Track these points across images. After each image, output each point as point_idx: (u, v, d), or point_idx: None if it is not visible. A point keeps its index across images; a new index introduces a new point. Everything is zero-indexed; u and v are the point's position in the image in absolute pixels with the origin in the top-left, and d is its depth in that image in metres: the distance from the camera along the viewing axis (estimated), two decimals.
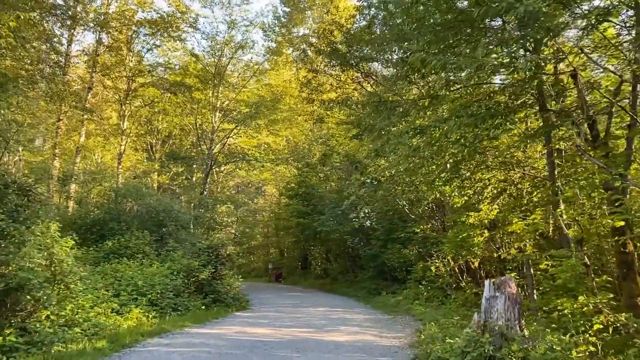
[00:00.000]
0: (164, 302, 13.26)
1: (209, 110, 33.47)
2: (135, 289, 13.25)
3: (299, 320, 14.24)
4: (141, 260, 16.41)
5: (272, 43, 42.49)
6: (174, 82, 33.48)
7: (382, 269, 24.75)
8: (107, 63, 33.71)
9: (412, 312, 16.40)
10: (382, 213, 21.94)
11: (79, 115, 31.88)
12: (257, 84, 38.44)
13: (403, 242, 22.11)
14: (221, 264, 16.72)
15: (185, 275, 15.52)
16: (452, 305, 15.91)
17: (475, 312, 7.93)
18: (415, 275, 19.66)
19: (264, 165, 34.41)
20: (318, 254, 39.86)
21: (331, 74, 14.35)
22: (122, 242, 17.61)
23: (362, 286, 25.89)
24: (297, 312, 16.33)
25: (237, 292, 17.11)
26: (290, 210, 32.91)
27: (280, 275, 41.31)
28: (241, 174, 47.25)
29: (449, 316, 13.59)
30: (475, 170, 10.36)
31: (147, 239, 18.26)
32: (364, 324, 13.87)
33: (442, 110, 9.01)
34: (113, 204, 19.39)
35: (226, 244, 17.36)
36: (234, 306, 16.13)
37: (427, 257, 18.78)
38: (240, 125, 32.58)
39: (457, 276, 17.38)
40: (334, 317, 15.08)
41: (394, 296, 21.20)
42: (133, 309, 11.92)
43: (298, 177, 32.50)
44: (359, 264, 29.96)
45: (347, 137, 19.73)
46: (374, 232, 25.25)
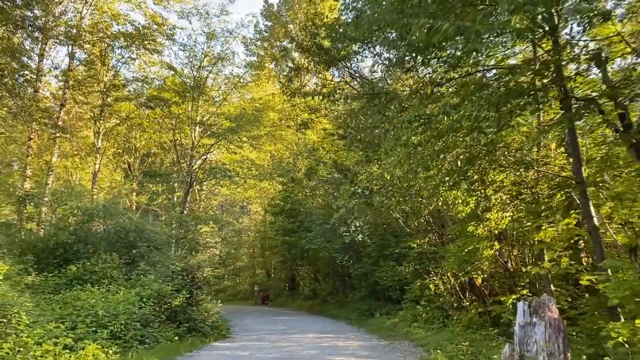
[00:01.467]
0: (128, 334, 11.49)
1: (188, 124, 31.86)
2: (95, 320, 11.48)
3: (286, 350, 12.53)
4: (107, 287, 14.62)
5: (254, 57, 41.33)
6: (151, 96, 31.92)
7: (374, 289, 23.12)
8: (79, 78, 32.14)
9: (411, 336, 14.77)
10: (374, 227, 20.36)
11: (51, 134, 30.25)
12: (239, 97, 37.05)
13: (397, 259, 20.52)
14: (197, 288, 14.98)
15: (156, 302, 13.77)
16: (455, 328, 14.30)
17: (505, 343, 6.35)
18: (411, 294, 18.04)
19: (246, 181, 32.73)
20: (306, 273, 38.13)
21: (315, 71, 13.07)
22: (87, 267, 15.81)
23: (353, 307, 24.22)
24: (284, 341, 14.61)
25: (215, 319, 15.35)
26: (275, 227, 31.19)
27: (267, 297, 39.41)
28: (224, 192, 45.54)
29: (455, 341, 12.00)
30: (487, 171, 8.89)
31: (116, 262, 16.47)
32: (360, 352, 12.20)
33: (448, 100, 7.58)
34: (79, 224, 17.56)
35: (202, 266, 15.66)
36: (211, 335, 14.36)
37: (425, 274, 17.20)
38: (221, 140, 30.95)
39: (458, 295, 15.81)
40: (325, 345, 13.39)
41: (388, 318, 19.56)
42: (90, 344, 10.15)
43: (283, 193, 30.85)
44: (349, 284, 28.29)
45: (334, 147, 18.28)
46: (365, 249, 23.65)
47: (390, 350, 12.70)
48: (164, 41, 32.14)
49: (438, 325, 15.44)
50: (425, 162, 7.95)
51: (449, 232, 13.42)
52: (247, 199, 47.50)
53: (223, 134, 30.00)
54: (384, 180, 12.99)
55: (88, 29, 30.93)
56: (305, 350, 12.40)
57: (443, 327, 15.04)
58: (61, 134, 30.36)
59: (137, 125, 35.36)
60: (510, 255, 12.19)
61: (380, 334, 16.30)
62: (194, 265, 15.41)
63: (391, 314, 20.32)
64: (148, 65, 36.40)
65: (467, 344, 10.78)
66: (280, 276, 43.21)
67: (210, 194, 48.90)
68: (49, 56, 31.41)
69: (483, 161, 8.55)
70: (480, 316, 14.31)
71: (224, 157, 34.93)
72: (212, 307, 15.69)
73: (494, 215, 10.19)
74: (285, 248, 29.84)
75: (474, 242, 10.94)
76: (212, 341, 14.02)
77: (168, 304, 13.92)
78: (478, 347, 11.00)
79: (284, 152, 37.59)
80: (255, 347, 13.17)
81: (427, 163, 8.00)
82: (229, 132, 30.01)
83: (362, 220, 17.35)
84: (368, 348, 13.12)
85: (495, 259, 11.49)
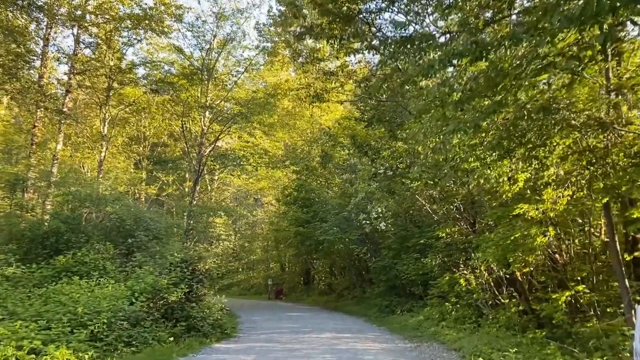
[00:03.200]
0: (111, 334, 9.82)
1: (197, 109, 30.20)
2: (74, 318, 9.84)
3: (296, 354, 10.78)
4: (97, 280, 13.03)
5: (268, 43, 39.60)
6: (158, 79, 30.35)
7: (394, 284, 21.29)
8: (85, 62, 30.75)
9: (441, 337, 12.93)
10: (395, 217, 18.47)
11: (56, 121, 28.99)
12: (251, 84, 35.37)
13: (420, 251, 18.67)
14: (198, 282, 13.29)
15: (149, 298, 12.11)
16: (491, 329, 12.43)
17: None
18: (437, 290, 16.21)
19: (257, 169, 31.05)
20: (321, 267, 36.50)
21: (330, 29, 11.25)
22: (77, 258, 14.25)
23: (372, 303, 22.43)
24: (295, 341, 12.87)
25: (219, 317, 13.63)
26: (288, 218, 29.46)
27: (281, 291, 37.82)
28: (237, 183, 44.02)
29: (495, 345, 10.15)
30: (551, 133, 6.99)
31: (110, 252, 14.90)
32: (383, 359, 10.40)
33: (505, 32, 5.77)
34: (72, 212, 16.02)
35: (204, 257, 13.98)
36: (213, 335, 12.64)
37: (454, 267, 15.32)
38: (232, 124, 29.24)
39: (492, 291, 13.90)
40: (342, 348, 11.60)
41: (411, 315, 17.76)
42: (63, 347, 8.50)
43: (297, 182, 29.08)
44: (367, 278, 26.54)
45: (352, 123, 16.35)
46: (385, 241, 21.82)
47: (419, 355, 10.88)
48: (172, 23, 30.60)
49: (470, 325, 13.58)
50: (473, 123, 6.11)
51: (487, 217, 11.52)
52: (260, 190, 45.92)
53: (233, 119, 28.27)
54: (412, 157, 11.16)
55: (93, 10, 29.46)
56: (319, 355, 10.63)
57: (477, 328, 13.18)
58: (66, 121, 29.11)
59: (146, 112, 33.94)
60: (563, 244, 10.27)
61: (404, 334, 14.49)
62: (194, 256, 13.72)
63: (414, 310, 18.54)
64: (156, 51, 34.99)
65: (514, 351, 8.91)
66: (294, 270, 41.71)
67: (223, 185, 47.46)
68: (54, 41, 30.21)
69: (545, 121, 6.68)
70: (522, 315, 12.44)
71: (235, 145, 33.25)
72: (215, 303, 14.00)
73: (551, 193, 8.31)
74: (298, 240, 28.13)
75: (522, 229, 9.04)
76: (213, 342, 12.31)
77: (164, 300, 12.26)
78: (526, 353, 9.15)
79: (297, 140, 35.84)
80: (261, 349, 11.44)
81: (473, 125, 6.17)
82: (239, 117, 28.26)
83: (385, 206, 15.47)
84: (392, 352, 11.32)
85: (544, 248, 9.57)
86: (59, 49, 31.79)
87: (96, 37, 30.55)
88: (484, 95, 6.11)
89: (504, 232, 9.73)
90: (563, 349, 9.14)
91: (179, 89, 30.58)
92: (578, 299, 9.82)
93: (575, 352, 8.56)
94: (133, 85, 30.38)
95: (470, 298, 14.17)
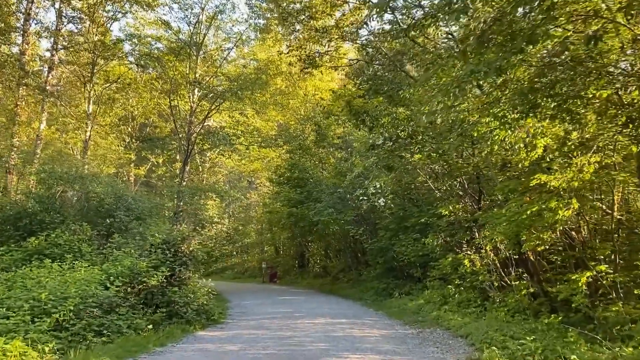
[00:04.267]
0: (79, 323, 8.77)
1: (186, 86, 28.89)
2: (37, 305, 8.78)
3: (287, 343, 9.78)
4: (71, 262, 11.96)
5: (260, 20, 38.17)
6: (144, 54, 28.98)
7: (391, 265, 20.36)
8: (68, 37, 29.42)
9: (444, 322, 11.94)
10: (394, 194, 17.38)
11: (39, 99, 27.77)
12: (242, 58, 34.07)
13: (420, 231, 17.68)
14: (181, 265, 12.23)
15: (127, 282, 11.07)
16: (498, 313, 11.48)
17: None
18: (438, 271, 15.23)
19: (248, 148, 29.87)
20: (316, 250, 35.59)
21: None
22: (51, 239, 13.16)
23: (368, 286, 21.49)
24: (287, 328, 11.87)
25: (205, 302, 12.59)
26: (280, 199, 28.38)
27: (275, 275, 36.97)
28: (229, 164, 42.86)
29: (507, 331, 9.17)
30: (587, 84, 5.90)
31: (87, 233, 13.81)
32: (383, 346, 9.40)
33: None
34: (47, 191, 14.88)
35: (188, 238, 12.90)
36: (197, 322, 11.62)
37: (457, 247, 14.32)
38: (222, 101, 27.98)
39: (498, 271, 12.93)
40: (338, 335, 10.61)
41: (410, 299, 16.81)
42: (18, 338, 7.44)
43: (289, 161, 27.94)
44: (364, 260, 25.60)
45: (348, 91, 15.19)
46: (382, 221, 20.81)
47: (422, 342, 9.91)
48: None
49: (476, 309, 12.62)
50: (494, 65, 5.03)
51: (497, 191, 10.45)
52: (253, 172, 44.82)
53: (222, 94, 27.00)
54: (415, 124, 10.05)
55: None
56: (312, 344, 9.64)
57: (483, 312, 12.23)
58: (49, 99, 27.89)
59: (133, 90, 32.57)
60: (581, 219, 9.24)
61: (404, 319, 13.52)
62: (177, 236, 12.63)
63: (413, 294, 17.62)
64: (143, 26, 33.56)
65: (531, 339, 7.91)
66: (289, 253, 40.88)
67: (215, 166, 46.32)
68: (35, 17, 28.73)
69: (578, 69, 5.59)
70: (532, 298, 11.48)
71: (226, 124, 31.99)
72: (200, 287, 12.96)
73: (579, 159, 7.23)
74: (291, 221, 27.09)
75: (541, 202, 7.99)
76: (197, 329, 11.30)
77: (143, 284, 11.21)
78: (543, 340, 8.17)
79: (290, 119, 34.63)
80: (250, 337, 10.43)
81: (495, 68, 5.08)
82: (229, 93, 26.98)
83: (383, 181, 14.38)
84: (392, 339, 10.34)
85: (564, 224, 8.53)
86: (40, 24, 30.28)
87: (79, 11, 29.13)
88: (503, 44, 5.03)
89: (518, 206, 8.67)
90: (584, 335, 8.17)
91: (166, 66, 29.28)
92: (599, 279, 8.83)
93: (600, 341, 7.58)
94: (118, 60, 28.97)
95: (475, 280, 13.19)
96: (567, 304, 9.70)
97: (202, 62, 30.67)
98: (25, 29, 27.24)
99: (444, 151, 11.09)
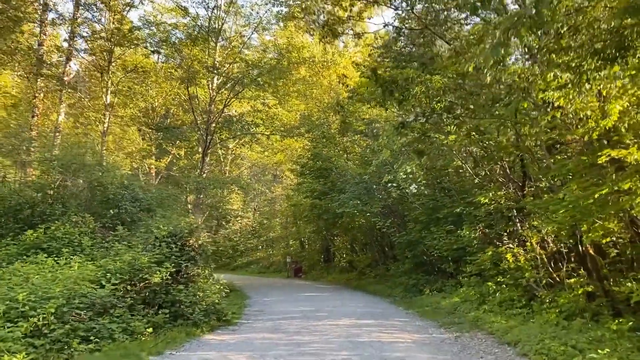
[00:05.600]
0: (62, 328, 7.57)
1: (205, 74, 27.71)
2: (15, 307, 7.62)
3: (304, 350, 8.43)
4: (68, 257, 10.84)
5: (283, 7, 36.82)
6: (161, 39, 27.91)
7: (421, 260, 18.92)
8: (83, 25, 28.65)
9: (485, 325, 10.45)
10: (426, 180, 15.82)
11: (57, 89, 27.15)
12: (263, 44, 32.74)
13: (454, 223, 16.15)
14: (188, 260, 11.00)
15: (126, 279, 9.88)
16: (549, 315, 9.93)
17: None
18: (475, 267, 13.67)
19: (269, 137, 28.61)
20: (342, 244, 34.24)
21: None
22: (50, 232, 12.10)
23: (397, 282, 20.09)
24: (306, 331, 10.54)
25: (216, 301, 11.34)
26: (302, 190, 27.04)
27: (300, 269, 35.81)
28: (252, 156, 41.80)
29: (567, 339, 7.64)
30: None
31: (90, 225, 12.70)
32: (417, 355, 7.98)
33: None
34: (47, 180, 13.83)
35: (196, 230, 11.66)
36: (205, 324, 10.36)
37: (497, 240, 12.75)
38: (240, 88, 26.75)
39: (546, 267, 11.33)
40: (364, 341, 9.22)
41: (443, 297, 15.36)
42: None
43: (312, 150, 26.56)
44: (391, 255, 24.15)
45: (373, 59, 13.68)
46: (411, 212, 19.30)
47: (462, 350, 8.45)
48: None
49: (521, 310, 11.07)
50: None
51: (552, 172, 8.85)
52: (276, 164, 43.70)
53: (241, 80, 25.74)
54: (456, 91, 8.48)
55: None
56: (332, 352, 8.26)
57: (530, 314, 10.67)
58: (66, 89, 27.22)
59: (151, 80, 31.63)
60: None
61: (438, 320, 12.06)
62: (184, 229, 11.39)
63: (445, 291, 16.18)
64: (160, 13, 32.60)
65: (604, 352, 6.39)
66: (314, 247, 39.62)
67: (238, 158, 45.39)
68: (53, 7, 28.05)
69: None
70: (589, 297, 9.89)
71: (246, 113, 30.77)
72: (211, 284, 11.70)
73: None
74: (315, 213, 25.76)
75: (611, 183, 6.44)
76: (204, 332, 10.05)
77: (145, 282, 10.01)
78: (614, 353, 6.64)
79: (313, 108, 33.23)
80: (262, 343, 9.12)
81: None
82: (248, 79, 25.72)
83: (415, 164, 12.85)
84: (427, 345, 8.90)
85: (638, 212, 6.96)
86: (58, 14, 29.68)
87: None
88: None
89: (581, 189, 7.11)
90: None
91: (184, 54, 28.25)
92: None
93: None
94: (134, 47, 28.00)
95: (520, 277, 11.62)
96: (636, 306, 8.15)
97: (221, 49, 29.53)
98: (42, 19, 26.66)
99: (485, 129, 9.56)
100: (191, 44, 27.39)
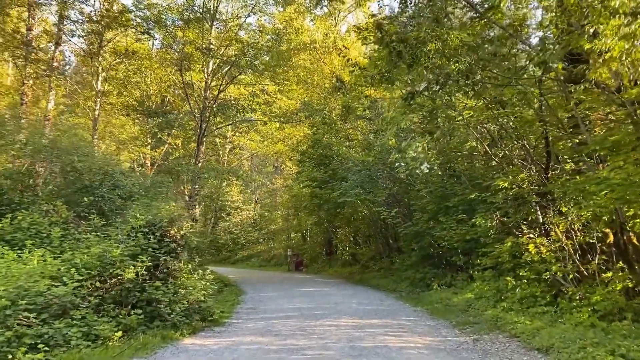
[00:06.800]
0: (3, 335, 6.28)
1: (199, 57, 26.35)
2: None
3: (298, 358, 7.15)
4: (31, 250, 9.55)
5: None
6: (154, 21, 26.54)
7: (428, 252, 17.62)
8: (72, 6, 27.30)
9: (506, 326, 9.13)
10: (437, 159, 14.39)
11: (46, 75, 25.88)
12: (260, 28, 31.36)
13: (465, 211, 14.81)
14: (167, 253, 9.70)
15: (94, 275, 8.59)
16: (582, 314, 8.63)
17: None
18: (491, 259, 12.32)
19: (266, 123, 27.27)
20: (344, 236, 32.98)
21: None
22: (14, 222, 10.82)
23: (402, 276, 18.79)
24: (302, 333, 9.24)
25: (201, 298, 10.05)
26: (302, 179, 25.70)
27: (301, 262, 34.61)
28: (252, 145, 40.47)
29: (613, 345, 6.34)
30: None
31: (63, 215, 11.42)
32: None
33: None
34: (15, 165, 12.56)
35: (177, 220, 10.36)
36: (186, 325, 9.08)
37: (516, 230, 11.41)
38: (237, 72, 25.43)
39: (573, 259, 9.99)
40: (367, 346, 7.91)
41: (454, 292, 14.08)
42: None
43: (312, 137, 25.21)
44: (396, 247, 22.85)
45: None
46: (418, 202, 17.97)
47: (483, 358, 7.15)
48: None
49: (547, 308, 9.75)
50: None
51: (592, 146, 7.49)
52: (277, 154, 42.37)
53: (236, 62, 24.38)
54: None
55: None
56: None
57: (558, 312, 9.36)
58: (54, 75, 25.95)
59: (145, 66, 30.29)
60: None
61: (451, 319, 10.74)
62: (163, 217, 10.08)
63: (456, 285, 14.90)
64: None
65: None
66: (316, 240, 38.38)
67: (237, 148, 44.12)
68: None
69: None
70: (627, 294, 8.57)
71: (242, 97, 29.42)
72: (195, 280, 10.39)
73: None
74: (315, 203, 24.44)
75: None
76: (185, 335, 8.75)
77: (116, 278, 8.72)
78: None
79: (313, 94, 31.87)
80: (249, 349, 7.82)
81: None
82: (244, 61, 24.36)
83: (426, 141, 11.48)
84: (441, 351, 7.59)
85: None
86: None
87: None
88: None
89: (635, 162, 5.78)
90: None
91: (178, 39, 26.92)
92: None
93: None
94: (125, 29, 26.61)
95: (543, 270, 10.29)
96: None
97: (216, 32, 28.19)
98: (31, 2, 25.39)
99: (508, 99, 8.20)
100: (185, 26, 26.05)
